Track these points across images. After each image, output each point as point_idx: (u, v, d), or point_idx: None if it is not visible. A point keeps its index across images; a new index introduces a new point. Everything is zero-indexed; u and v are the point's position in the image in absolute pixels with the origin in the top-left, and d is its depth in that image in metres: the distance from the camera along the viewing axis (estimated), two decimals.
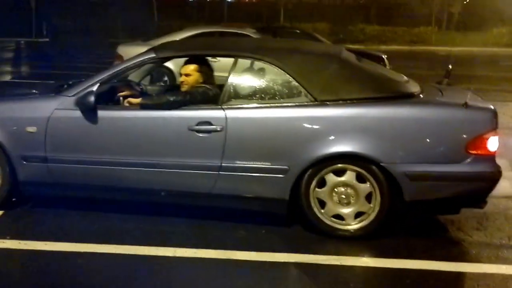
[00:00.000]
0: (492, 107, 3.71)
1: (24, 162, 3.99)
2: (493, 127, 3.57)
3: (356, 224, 3.68)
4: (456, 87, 4.83)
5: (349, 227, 3.69)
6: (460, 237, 3.81)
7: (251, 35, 9.84)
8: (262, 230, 3.84)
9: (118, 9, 28.43)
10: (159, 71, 8.16)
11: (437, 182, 3.57)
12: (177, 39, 8.88)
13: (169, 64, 8.03)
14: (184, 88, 4.02)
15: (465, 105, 3.59)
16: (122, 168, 3.88)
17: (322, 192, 3.67)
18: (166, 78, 8.49)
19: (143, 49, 4.52)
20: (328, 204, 3.69)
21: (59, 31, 26.25)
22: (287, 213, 3.78)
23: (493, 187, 3.62)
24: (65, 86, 4.32)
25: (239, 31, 10.29)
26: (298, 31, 14.36)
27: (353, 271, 3.31)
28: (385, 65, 11.53)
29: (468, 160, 3.53)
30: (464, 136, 3.54)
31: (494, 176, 3.57)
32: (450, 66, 4.99)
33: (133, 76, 4.75)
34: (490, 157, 3.58)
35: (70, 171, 3.98)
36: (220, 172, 3.74)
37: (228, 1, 35.36)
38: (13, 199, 4.21)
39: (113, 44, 11.89)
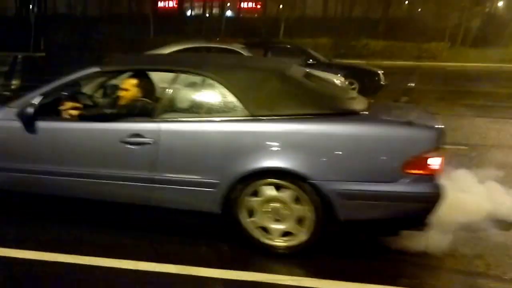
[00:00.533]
0: (436, 126, 3.65)
1: None
2: (434, 146, 3.49)
3: (282, 242, 3.69)
4: (410, 105, 4.85)
5: (274, 243, 3.70)
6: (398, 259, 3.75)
7: (239, 50, 9.71)
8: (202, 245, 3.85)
9: (115, 24, 28.84)
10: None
11: (371, 201, 3.51)
12: (160, 53, 8.94)
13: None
14: (122, 101, 4.08)
15: (407, 124, 3.58)
16: (59, 177, 3.93)
17: (254, 201, 3.67)
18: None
19: None
20: (258, 215, 3.69)
21: (56, 46, 26.67)
22: (222, 228, 3.80)
23: (431, 209, 3.53)
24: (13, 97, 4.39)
25: (225, 47, 10.10)
26: (289, 46, 14.22)
27: None
28: (379, 80, 11.65)
29: (405, 179, 3.45)
30: (401, 155, 3.47)
31: (433, 198, 3.47)
32: (412, 84, 5.04)
33: (89, 89, 4.81)
34: (430, 177, 3.47)
35: (10, 179, 4.04)
36: (154, 185, 3.78)
37: (226, 16, 35.63)
38: None
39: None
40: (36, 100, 3.93)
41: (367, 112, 3.82)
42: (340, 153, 3.52)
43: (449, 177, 4.41)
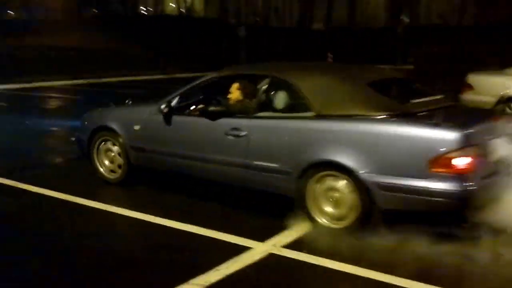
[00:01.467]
0: (466, 128, 3.92)
1: (133, 152, 5.54)
2: (458, 147, 3.80)
3: (335, 224, 4.39)
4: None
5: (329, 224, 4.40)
6: None
7: None
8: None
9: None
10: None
11: (404, 194, 3.98)
12: None
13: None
14: (229, 101, 5.16)
15: (433, 125, 3.93)
16: (182, 159, 5.22)
17: (318, 188, 4.37)
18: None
19: (495, 79, 5.28)
20: (320, 200, 4.39)
21: (425, 57, 23.35)
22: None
23: (461, 206, 3.86)
24: None
25: None
26: None
27: None
28: None
29: (432, 177, 3.86)
30: (426, 154, 3.88)
31: (459, 195, 3.81)
32: None
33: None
34: (455, 176, 3.82)
35: (157, 159, 5.47)
36: (247, 170, 4.76)
37: None
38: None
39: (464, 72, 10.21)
40: (172, 100, 5.24)
41: (421, 114, 4.26)
42: (379, 149, 4.06)
43: None
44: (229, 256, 3.93)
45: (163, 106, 5.25)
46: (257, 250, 4.09)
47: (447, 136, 3.88)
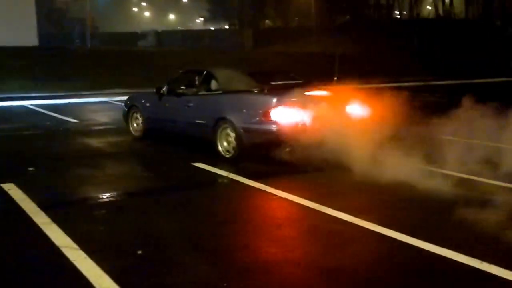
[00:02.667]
0: (279, 95, 7.07)
1: (146, 119, 9.19)
2: (274, 106, 6.96)
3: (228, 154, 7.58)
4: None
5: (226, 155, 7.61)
6: None
7: None
8: None
9: None
10: None
11: (255, 134, 7.18)
12: None
13: None
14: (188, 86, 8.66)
15: (265, 93, 7.16)
16: (166, 121, 8.85)
17: (221, 133, 7.62)
18: None
19: None
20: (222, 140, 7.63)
21: None
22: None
23: (277, 139, 6.96)
24: None
25: None
26: None
27: None
28: None
29: (264, 123, 7.06)
30: (261, 110, 7.08)
31: (276, 132, 6.97)
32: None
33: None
34: (274, 122, 7.00)
35: (155, 123, 9.07)
36: (192, 126, 8.21)
37: None
38: None
39: None
40: (163, 87, 8.76)
41: (268, 89, 7.54)
42: (243, 109, 7.31)
43: None
44: None
45: (155, 91, 8.82)
46: None
47: (268, 99, 7.10)
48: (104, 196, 5.98)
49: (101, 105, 15.20)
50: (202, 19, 72.99)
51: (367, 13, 50.30)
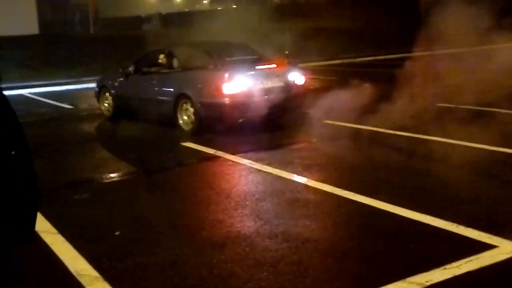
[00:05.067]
0: (230, 69, 7.58)
1: (114, 97, 9.31)
2: (226, 80, 7.43)
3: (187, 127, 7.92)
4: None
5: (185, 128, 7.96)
6: None
7: None
8: None
9: None
10: None
11: (210, 107, 7.62)
12: None
13: None
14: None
15: (218, 68, 7.52)
16: (131, 99, 9.18)
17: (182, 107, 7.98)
18: None
19: None
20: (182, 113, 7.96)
21: None
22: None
23: (231, 111, 7.56)
24: None
25: None
26: None
27: None
28: None
29: (219, 96, 7.52)
30: (217, 84, 7.53)
31: (229, 105, 7.50)
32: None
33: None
34: (226, 95, 7.46)
35: (123, 101, 9.08)
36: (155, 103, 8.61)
37: None
38: None
39: None
40: (130, 67, 8.97)
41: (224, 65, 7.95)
42: (201, 84, 7.73)
43: None
44: (463, 253, 3.50)
45: (121, 70, 9.18)
46: (503, 250, 3.58)
47: (220, 75, 7.59)
48: (88, 180, 6.00)
49: None
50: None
51: None
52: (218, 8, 60.56)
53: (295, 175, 5.60)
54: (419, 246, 3.77)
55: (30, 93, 14.64)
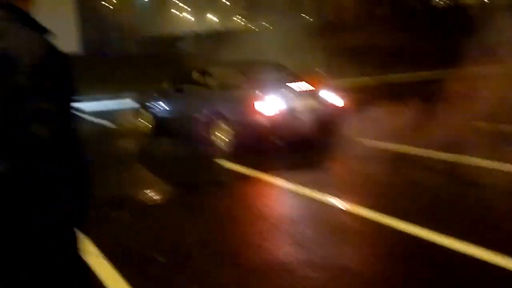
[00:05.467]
0: (263, 88, 7.85)
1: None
2: (258, 99, 7.72)
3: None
4: None
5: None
6: None
7: None
8: None
9: None
10: None
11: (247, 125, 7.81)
12: None
13: None
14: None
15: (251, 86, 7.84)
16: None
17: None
18: None
19: None
20: None
21: None
22: None
23: (265, 130, 7.59)
24: None
25: None
26: None
27: None
28: None
29: (254, 114, 7.75)
30: (251, 103, 7.75)
31: (263, 123, 7.60)
32: None
33: None
34: (259, 114, 7.64)
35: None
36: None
37: None
38: None
39: None
40: (166, 85, 9.41)
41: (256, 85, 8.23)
42: (235, 104, 8.14)
43: None
44: None
45: (158, 88, 9.66)
46: None
47: (253, 94, 7.83)
48: (127, 198, 6.08)
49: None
50: (240, 17, 72.95)
51: (407, 2, 48.96)
52: (252, 27, 61.26)
53: (331, 197, 5.52)
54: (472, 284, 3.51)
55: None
